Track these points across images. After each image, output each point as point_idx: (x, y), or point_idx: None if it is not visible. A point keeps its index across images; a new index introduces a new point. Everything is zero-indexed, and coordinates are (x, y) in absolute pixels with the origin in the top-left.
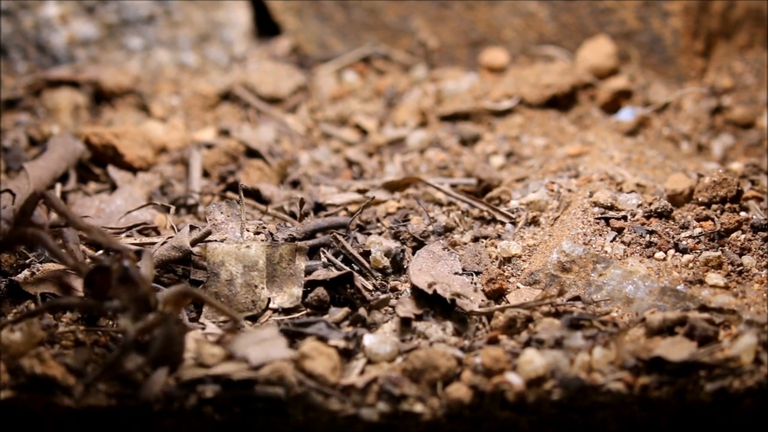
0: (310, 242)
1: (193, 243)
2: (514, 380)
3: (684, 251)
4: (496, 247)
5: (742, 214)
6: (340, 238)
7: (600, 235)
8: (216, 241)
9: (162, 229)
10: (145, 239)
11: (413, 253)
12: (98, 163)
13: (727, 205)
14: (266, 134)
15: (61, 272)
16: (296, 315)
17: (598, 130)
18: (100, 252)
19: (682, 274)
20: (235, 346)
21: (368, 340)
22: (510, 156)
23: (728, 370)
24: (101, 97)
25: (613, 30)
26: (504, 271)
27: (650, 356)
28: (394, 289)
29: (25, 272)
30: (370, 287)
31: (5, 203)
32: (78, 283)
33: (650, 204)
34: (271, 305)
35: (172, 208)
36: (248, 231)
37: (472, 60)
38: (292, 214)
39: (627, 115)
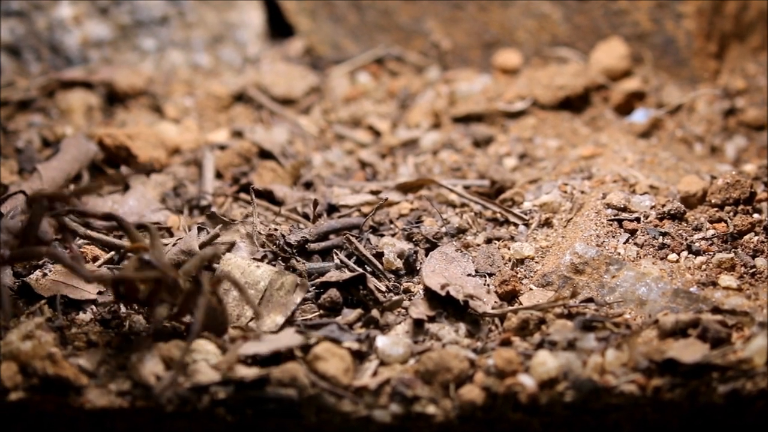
0: (323, 244)
1: (202, 246)
2: (527, 382)
3: (697, 253)
4: (509, 248)
5: (755, 216)
6: (353, 239)
7: (613, 236)
8: (228, 249)
9: (175, 230)
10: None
11: (426, 255)
12: (111, 164)
13: (740, 207)
14: (279, 135)
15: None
16: (309, 316)
17: (611, 132)
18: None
19: (695, 276)
20: (246, 345)
21: (381, 341)
22: (523, 157)
23: (741, 372)
24: (114, 98)
25: (627, 32)
26: (517, 273)
27: (663, 358)
28: (406, 291)
29: (37, 273)
30: (383, 289)
31: (11, 209)
32: (89, 285)
33: (663, 206)
34: (251, 324)
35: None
36: (260, 247)
37: (486, 61)
38: (305, 216)
39: (640, 116)
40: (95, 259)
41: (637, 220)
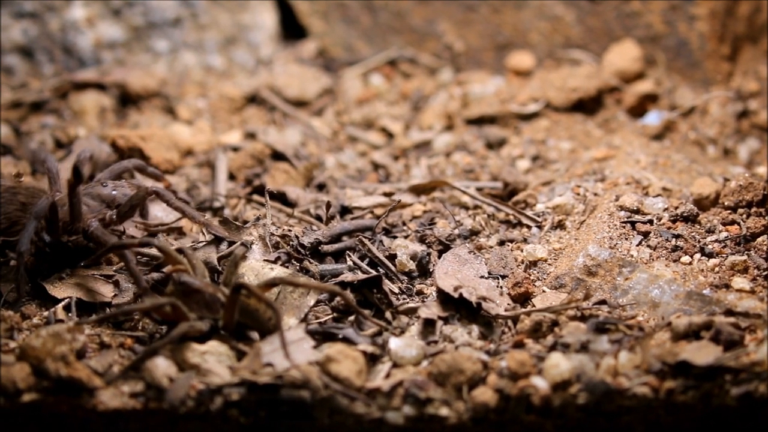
0: (336, 245)
1: (220, 259)
2: (540, 384)
3: (710, 255)
4: (522, 250)
5: None
6: (366, 241)
7: (626, 238)
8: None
9: (188, 232)
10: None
11: (439, 257)
12: None
13: (753, 209)
14: (292, 137)
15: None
16: (323, 318)
17: (624, 134)
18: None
19: (707, 279)
20: (263, 350)
21: (394, 343)
22: (536, 159)
23: (754, 375)
24: (127, 100)
25: (640, 34)
26: (530, 275)
27: (676, 360)
28: (419, 293)
29: (54, 276)
30: (396, 290)
31: (123, 186)
32: (104, 289)
33: (676, 208)
34: None
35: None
36: (273, 250)
37: (499, 63)
38: (318, 217)
39: (653, 118)
40: (108, 261)
41: (650, 222)
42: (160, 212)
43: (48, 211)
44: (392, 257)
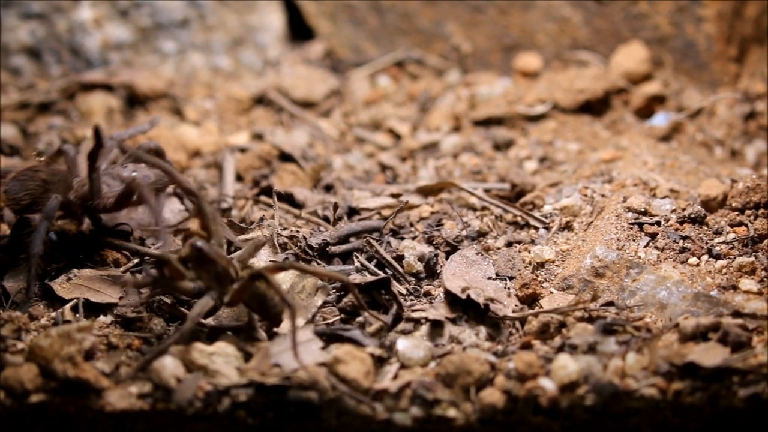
0: (344, 246)
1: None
2: (548, 385)
3: (717, 257)
4: (529, 252)
5: None
6: (374, 242)
7: (633, 240)
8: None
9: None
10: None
11: (446, 258)
12: None
13: (761, 211)
14: (300, 138)
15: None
16: (331, 319)
17: (631, 136)
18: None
19: (715, 280)
20: (271, 350)
21: (402, 344)
22: (543, 161)
23: (761, 376)
24: (135, 101)
25: (647, 35)
26: (537, 276)
27: (683, 362)
28: (427, 294)
29: (62, 277)
30: (404, 292)
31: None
32: (111, 290)
33: (684, 209)
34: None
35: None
36: (280, 251)
37: (506, 65)
38: (326, 219)
39: (661, 120)
40: (116, 262)
41: (658, 223)
42: (167, 213)
43: (59, 209)
44: (400, 258)
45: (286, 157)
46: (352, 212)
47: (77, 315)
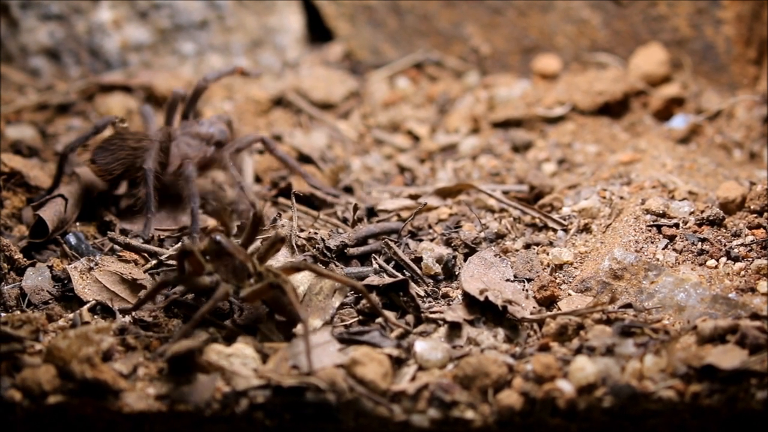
0: (362, 248)
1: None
2: (565, 387)
3: (736, 259)
4: (547, 254)
5: None
6: (392, 244)
7: (652, 242)
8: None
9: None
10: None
11: (465, 260)
12: None
13: None
14: (318, 140)
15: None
16: (348, 321)
17: (650, 138)
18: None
19: (733, 282)
20: (289, 352)
21: (420, 346)
22: (562, 163)
23: None
24: (154, 102)
25: (666, 37)
26: (555, 278)
27: (701, 364)
28: (445, 296)
29: (83, 262)
30: (422, 294)
31: (218, 123)
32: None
33: (702, 212)
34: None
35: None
36: (298, 252)
37: (525, 67)
38: (345, 220)
39: (679, 122)
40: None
41: (676, 226)
42: (185, 216)
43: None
44: (418, 260)
45: (304, 158)
46: (371, 214)
47: (95, 317)
